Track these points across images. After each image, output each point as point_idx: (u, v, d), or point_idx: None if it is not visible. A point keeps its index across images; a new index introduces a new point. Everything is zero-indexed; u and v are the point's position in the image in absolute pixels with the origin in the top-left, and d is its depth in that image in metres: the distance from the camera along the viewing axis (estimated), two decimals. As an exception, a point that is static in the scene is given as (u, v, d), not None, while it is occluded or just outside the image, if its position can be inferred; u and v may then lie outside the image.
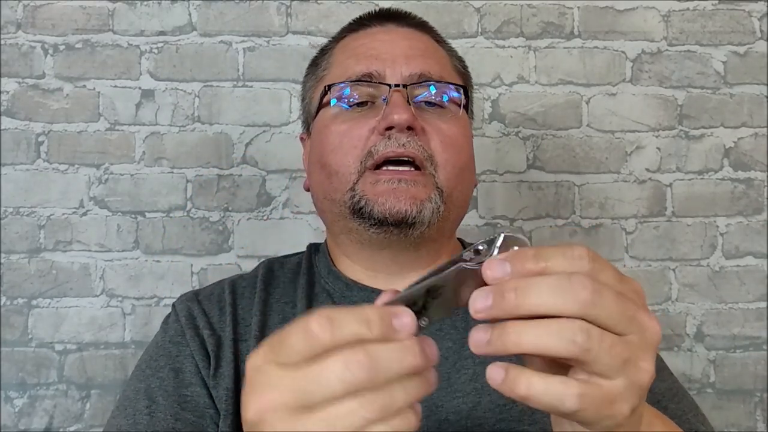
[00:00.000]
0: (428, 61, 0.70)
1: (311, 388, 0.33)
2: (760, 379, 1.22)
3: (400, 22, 0.75)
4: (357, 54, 0.71)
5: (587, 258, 0.35)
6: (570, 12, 1.26)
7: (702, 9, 1.26)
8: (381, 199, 0.64)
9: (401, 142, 0.64)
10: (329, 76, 0.72)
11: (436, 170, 0.66)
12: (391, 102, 0.66)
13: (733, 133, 1.25)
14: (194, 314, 0.68)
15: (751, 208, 1.25)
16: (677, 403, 0.66)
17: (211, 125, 1.22)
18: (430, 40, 0.75)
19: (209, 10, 1.23)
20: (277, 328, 0.66)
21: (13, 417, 1.16)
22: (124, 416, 0.62)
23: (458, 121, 0.69)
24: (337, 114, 0.69)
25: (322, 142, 0.70)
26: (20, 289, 1.18)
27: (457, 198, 0.68)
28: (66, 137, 1.20)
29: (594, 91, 1.25)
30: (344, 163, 0.66)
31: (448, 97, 0.69)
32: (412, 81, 0.68)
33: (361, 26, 0.75)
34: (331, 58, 0.75)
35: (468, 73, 0.78)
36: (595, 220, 1.24)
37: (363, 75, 0.68)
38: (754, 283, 1.24)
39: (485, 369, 0.64)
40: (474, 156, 0.75)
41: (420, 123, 0.66)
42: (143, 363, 0.68)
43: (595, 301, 0.34)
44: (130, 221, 1.20)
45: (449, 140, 0.67)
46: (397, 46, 0.70)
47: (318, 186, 0.72)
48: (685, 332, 1.23)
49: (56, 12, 1.21)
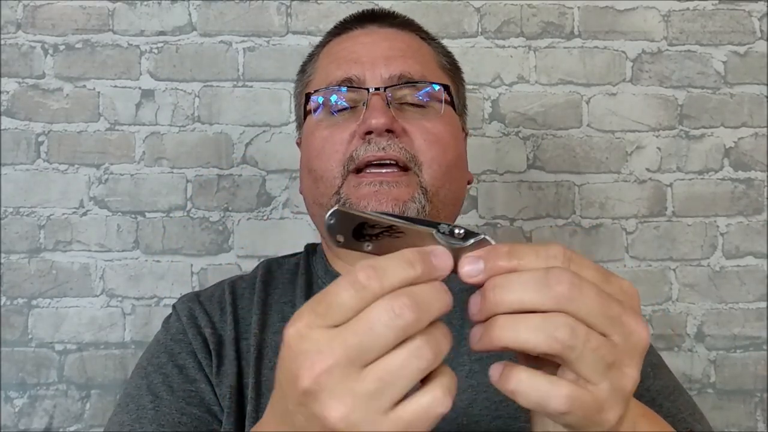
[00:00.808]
0: (408, 61, 0.70)
1: (363, 342, 0.33)
2: (760, 379, 1.22)
3: (382, 23, 0.75)
4: (338, 59, 0.72)
5: (562, 256, 0.35)
6: (570, 12, 1.25)
7: (702, 9, 1.26)
8: (363, 202, 0.65)
9: (381, 145, 0.65)
10: (313, 82, 0.74)
11: (421, 169, 0.66)
12: (369, 106, 0.66)
13: (734, 133, 1.25)
14: (195, 314, 0.69)
15: (752, 208, 1.24)
16: (673, 402, 0.65)
17: (211, 125, 1.22)
18: (414, 38, 0.74)
19: (209, 10, 1.23)
20: (277, 327, 0.67)
21: (13, 417, 1.16)
22: (126, 412, 0.62)
23: (443, 119, 0.69)
24: (320, 120, 0.70)
25: (308, 147, 0.71)
26: (20, 289, 1.18)
27: (445, 196, 0.68)
28: (66, 137, 1.20)
29: (594, 91, 1.25)
30: (328, 168, 0.67)
31: (430, 97, 0.69)
32: (392, 82, 0.68)
33: (344, 29, 0.76)
34: (316, 63, 0.76)
35: (456, 68, 0.78)
36: (596, 220, 1.24)
37: (343, 80, 0.69)
38: (755, 283, 1.24)
39: (481, 366, 0.64)
40: (465, 152, 0.74)
41: (400, 124, 0.66)
42: (144, 361, 0.68)
43: (572, 295, 0.33)
44: (130, 221, 1.20)
45: (433, 138, 0.67)
46: (377, 48, 0.71)
47: (308, 191, 0.73)
48: (686, 332, 1.23)
49: (56, 12, 1.21)
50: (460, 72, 0.78)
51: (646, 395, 0.65)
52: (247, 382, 0.64)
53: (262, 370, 0.64)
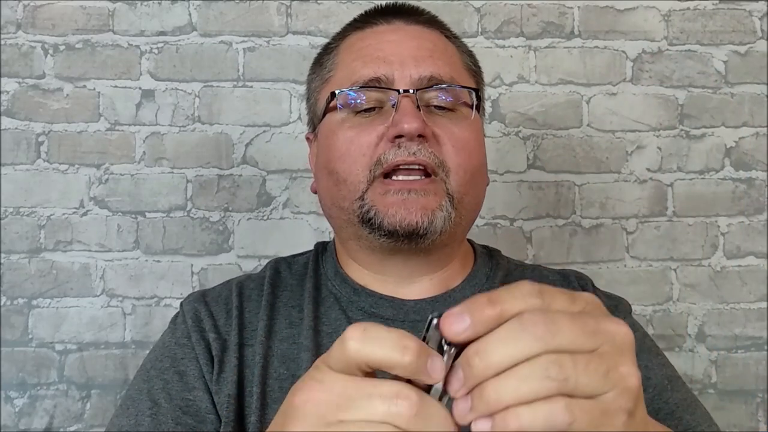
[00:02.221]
0: (438, 63, 0.68)
1: (356, 400, 0.34)
2: (761, 379, 1.22)
3: (409, 19, 0.71)
4: (364, 56, 0.69)
5: (536, 293, 0.35)
6: (570, 12, 1.25)
7: (702, 8, 1.26)
8: (391, 211, 0.63)
9: (411, 150, 0.63)
10: (335, 78, 0.70)
11: (448, 176, 0.64)
12: (400, 109, 0.64)
13: (734, 133, 1.25)
14: (201, 316, 0.68)
15: (753, 208, 1.24)
16: (692, 414, 0.65)
17: (212, 125, 1.22)
18: (440, 37, 0.72)
19: (209, 10, 1.23)
20: (284, 334, 0.67)
21: (13, 417, 1.16)
22: (126, 416, 0.62)
23: (471, 124, 0.68)
24: (344, 119, 0.67)
25: (329, 148, 0.68)
26: (20, 289, 1.18)
27: (468, 202, 0.67)
28: (66, 137, 1.20)
29: (594, 91, 1.25)
30: (353, 172, 0.65)
31: (458, 100, 0.67)
32: (422, 84, 0.66)
33: (367, 24, 0.72)
34: (336, 57, 0.72)
35: (479, 70, 0.76)
36: (596, 220, 1.23)
37: (371, 79, 0.66)
38: (756, 283, 1.23)
39: None
40: (486, 156, 0.73)
41: (431, 129, 0.65)
42: (148, 363, 0.67)
43: (552, 331, 0.33)
44: (130, 221, 1.20)
45: (461, 144, 0.66)
46: (405, 46, 0.68)
47: (326, 192, 0.70)
48: (687, 332, 1.22)
49: (56, 12, 1.21)
50: (482, 73, 0.76)
51: (665, 408, 0.65)
52: (251, 390, 0.63)
53: (267, 380, 0.63)
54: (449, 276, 0.70)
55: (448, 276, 0.70)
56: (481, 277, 0.72)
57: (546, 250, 1.22)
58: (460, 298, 0.69)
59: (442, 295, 0.69)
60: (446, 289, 0.69)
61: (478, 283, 0.71)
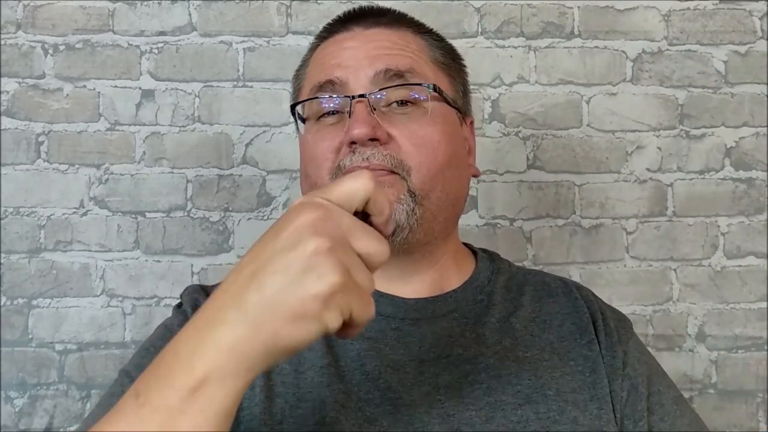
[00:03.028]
0: (395, 57, 0.68)
1: None
2: (761, 379, 1.22)
3: (369, 23, 0.71)
4: (322, 65, 0.70)
5: None
6: (570, 12, 1.25)
7: (703, 8, 1.26)
8: None
9: (365, 155, 0.64)
10: (303, 90, 0.73)
11: (409, 174, 0.65)
12: (353, 115, 0.65)
13: (734, 133, 1.25)
14: (200, 304, 0.68)
15: (753, 208, 1.24)
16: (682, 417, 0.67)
17: (212, 125, 1.22)
18: (405, 33, 0.71)
19: (209, 10, 1.23)
20: None
21: (13, 417, 1.16)
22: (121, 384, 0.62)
23: (431, 119, 0.67)
24: (309, 127, 0.70)
25: (302, 153, 0.71)
26: (20, 289, 1.18)
27: (438, 198, 0.66)
28: (66, 137, 1.20)
29: (594, 91, 1.25)
30: (320, 175, 0.67)
31: (418, 93, 0.67)
32: (378, 80, 0.66)
33: (330, 34, 0.73)
34: (305, 70, 0.74)
35: (454, 59, 0.75)
36: (596, 220, 1.23)
37: (325, 82, 0.67)
38: (756, 283, 1.23)
39: (499, 383, 0.64)
40: (466, 147, 0.72)
41: (385, 131, 0.65)
42: (148, 342, 0.68)
43: None
44: (130, 221, 1.20)
45: (421, 141, 0.65)
46: (361, 50, 0.68)
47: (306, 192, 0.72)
48: (687, 332, 1.22)
49: (56, 12, 1.21)
50: (459, 63, 0.76)
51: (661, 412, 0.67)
52: (254, 383, 0.62)
53: (270, 374, 0.63)
54: (442, 276, 0.70)
55: (440, 276, 0.70)
56: (482, 279, 0.72)
57: (546, 250, 1.22)
58: (461, 299, 0.70)
59: (443, 295, 0.69)
60: (442, 289, 0.70)
61: (480, 285, 0.71)
